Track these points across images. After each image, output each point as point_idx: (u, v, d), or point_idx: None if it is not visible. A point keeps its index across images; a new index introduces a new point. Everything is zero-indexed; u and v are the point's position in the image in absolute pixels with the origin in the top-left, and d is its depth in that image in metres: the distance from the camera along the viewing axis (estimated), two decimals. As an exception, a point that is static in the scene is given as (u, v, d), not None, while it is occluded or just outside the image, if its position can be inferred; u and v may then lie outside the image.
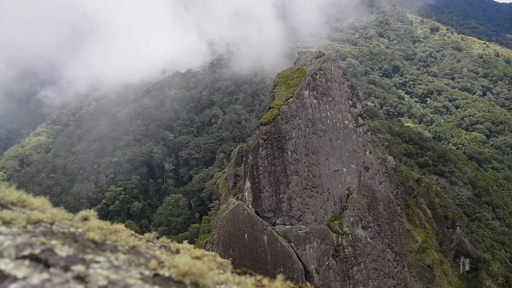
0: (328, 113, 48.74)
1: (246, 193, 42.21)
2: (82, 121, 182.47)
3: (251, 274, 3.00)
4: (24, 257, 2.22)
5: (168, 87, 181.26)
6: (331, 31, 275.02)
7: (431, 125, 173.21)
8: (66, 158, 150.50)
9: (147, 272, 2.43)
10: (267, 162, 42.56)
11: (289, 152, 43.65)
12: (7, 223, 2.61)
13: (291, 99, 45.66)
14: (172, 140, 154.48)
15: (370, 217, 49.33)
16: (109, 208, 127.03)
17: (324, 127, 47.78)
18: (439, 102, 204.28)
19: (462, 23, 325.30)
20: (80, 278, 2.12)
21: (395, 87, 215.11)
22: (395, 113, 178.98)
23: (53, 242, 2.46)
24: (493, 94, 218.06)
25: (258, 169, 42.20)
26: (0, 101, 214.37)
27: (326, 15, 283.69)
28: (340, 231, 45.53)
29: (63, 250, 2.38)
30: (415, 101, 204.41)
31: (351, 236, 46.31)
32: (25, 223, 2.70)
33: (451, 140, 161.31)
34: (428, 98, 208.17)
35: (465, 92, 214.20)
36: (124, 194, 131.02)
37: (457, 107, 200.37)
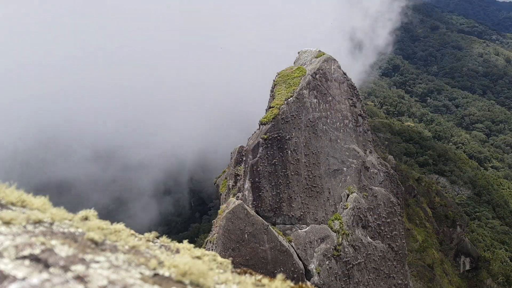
0: (328, 113, 48.76)
1: (246, 193, 42.24)
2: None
3: (251, 274, 2.99)
4: (24, 257, 2.22)
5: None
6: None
7: (431, 124, 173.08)
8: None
9: (147, 272, 2.43)
10: (267, 162, 42.58)
11: (289, 152, 43.67)
12: (7, 223, 2.61)
13: (291, 98, 45.67)
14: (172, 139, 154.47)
15: (370, 216, 49.36)
16: (109, 208, 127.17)
17: (324, 127, 47.80)
18: (439, 101, 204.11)
19: (462, 22, 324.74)
20: (80, 278, 2.12)
21: (395, 86, 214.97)
22: (395, 112, 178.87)
23: (53, 242, 2.46)
24: (493, 93, 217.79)
25: (258, 169, 42.22)
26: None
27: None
28: (341, 230, 45.57)
29: (63, 250, 2.38)
30: (415, 100, 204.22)
31: (351, 235, 46.34)
32: (25, 223, 2.70)
33: (451, 139, 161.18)
34: (428, 97, 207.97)
35: (465, 91, 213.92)
36: (124, 194, 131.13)
37: (457, 106, 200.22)
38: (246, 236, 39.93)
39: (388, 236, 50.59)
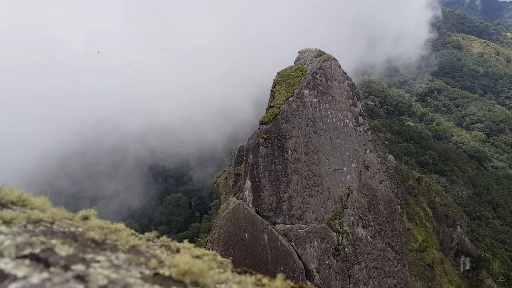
0: (329, 112, 48.73)
1: (246, 192, 42.23)
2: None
3: (251, 273, 2.99)
4: (24, 257, 2.22)
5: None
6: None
7: (432, 124, 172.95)
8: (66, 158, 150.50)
9: (147, 271, 2.43)
10: (268, 161, 42.56)
11: (289, 151, 43.65)
12: (7, 222, 2.61)
13: (291, 98, 45.64)
14: (172, 140, 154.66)
15: (370, 216, 49.34)
16: (110, 208, 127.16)
17: (324, 126, 47.77)
18: (439, 101, 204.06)
19: (463, 22, 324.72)
20: (80, 278, 2.12)
21: (395, 86, 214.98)
22: (395, 112, 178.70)
23: (53, 241, 2.46)
24: (493, 93, 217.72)
25: (259, 168, 42.20)
26: None
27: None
28: (341, 230, 45.55)
29: (63, 250, 2.38)
30: (415, 100, 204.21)
31: (352, 235, 46.33)
32: (25, 222, 2.70)
33: (452, 139, 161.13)
34: (429, 97, 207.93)
35: (466, 91, 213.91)
36: (124, 193, 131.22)
37: (457, 106, 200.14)
38: (246, 235, 39.92)
39: (388, 235, 50.57)
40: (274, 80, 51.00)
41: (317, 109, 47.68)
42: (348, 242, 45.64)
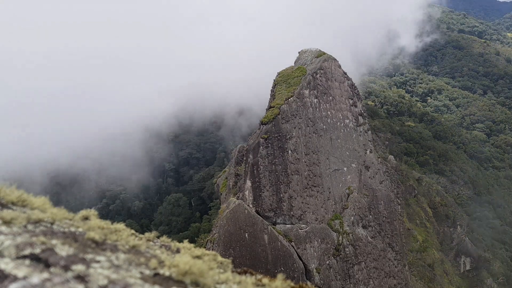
0: (329, 112, 48.73)
1: (246, 192, 42.22)
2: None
3: (251, 273, 2.99)
4: (25, 257, 2.22)
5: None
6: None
7: (432, 124, 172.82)
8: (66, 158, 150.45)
9: (147, 272, 2.43)
10: (268, 161, 42.56)
11: (289, 151, 43.65)
12: (7, 222, 2.61)
13: (291, 98, 45.65)
14: (172, 139, 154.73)
15: (370, 216, 49.33)
16: (110, 208, 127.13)
17: (324, 126, 47.77)
18: (439, 101, 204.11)
19: (463, 22, 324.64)
20: (81, 278, 2.12)
21: (395, 86, 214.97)
22: (396, 112, 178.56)
23: (54, 241, 2.46)
24: (493, 93, 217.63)
25: (259, 168, 42.20)
26: None
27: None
28: (341, 230, 45.55)
29: (64, 250, 2.38)
30: (416, 100, 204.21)
31: (352, 235, 46.32)
32: (25, 222, 2.70)
33: (452, 139, 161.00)
34: (429, 97, 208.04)
35: (466, 91, 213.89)
36: (124, 193, 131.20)
37: (457, 106, 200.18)
38: (246, 236, 39.91)
39: (389, 235, 50.57)
40: (274, 80, 51.01)
41: (317, 109, 47.69)
42: (348, 242, 45.64)
